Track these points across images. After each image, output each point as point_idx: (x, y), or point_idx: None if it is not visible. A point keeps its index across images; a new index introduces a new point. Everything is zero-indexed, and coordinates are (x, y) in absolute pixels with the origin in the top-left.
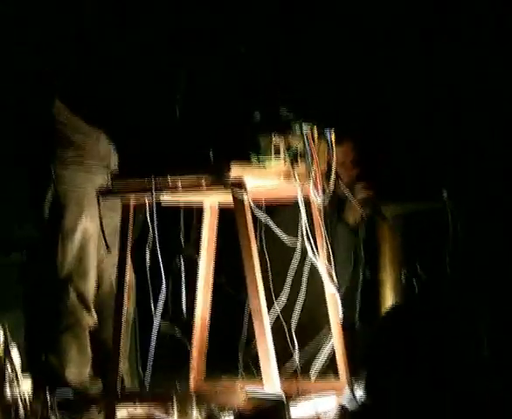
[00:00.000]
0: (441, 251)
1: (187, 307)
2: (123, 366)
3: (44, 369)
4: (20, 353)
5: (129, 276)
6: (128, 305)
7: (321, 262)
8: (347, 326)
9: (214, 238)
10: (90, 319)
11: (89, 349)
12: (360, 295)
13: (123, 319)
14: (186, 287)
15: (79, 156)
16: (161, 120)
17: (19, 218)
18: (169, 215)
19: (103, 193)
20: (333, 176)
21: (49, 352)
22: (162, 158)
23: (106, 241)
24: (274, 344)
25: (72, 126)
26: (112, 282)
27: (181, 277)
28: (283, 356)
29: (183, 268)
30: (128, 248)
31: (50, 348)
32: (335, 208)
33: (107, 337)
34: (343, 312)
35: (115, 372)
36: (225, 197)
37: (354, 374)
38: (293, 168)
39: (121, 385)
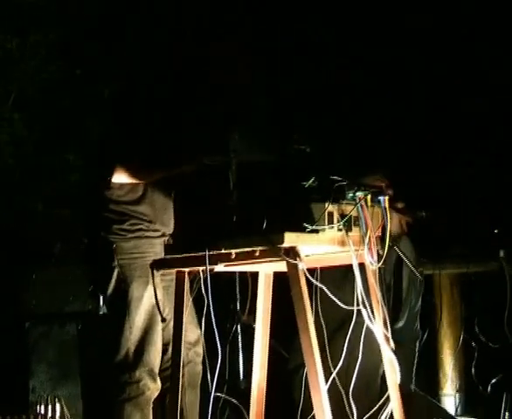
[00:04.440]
0: (501, 313)
1: (244, 374)
2: None
3: None
4: None
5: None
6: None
7: (377, 327)
8: (404, 390)
9: (269, 305)
10: (155, 389)
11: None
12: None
13: (180, 383)
14: (243, 354)
15: (137, 226)
16: (214, 191)
17: (73, 292)
18: (224, 279)
19: (158, 265)
20: (387, 241)
21: None
22: (216, 230)
23: (160, 311)
24: (332, 410)
25: (124, 200)
26: None
27: (237, 343)
28: None
29: (239, 335)
30: (184, 314)
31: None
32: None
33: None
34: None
35: None
36: (280, 265)
37: None
38: (347, 235)
39: None
